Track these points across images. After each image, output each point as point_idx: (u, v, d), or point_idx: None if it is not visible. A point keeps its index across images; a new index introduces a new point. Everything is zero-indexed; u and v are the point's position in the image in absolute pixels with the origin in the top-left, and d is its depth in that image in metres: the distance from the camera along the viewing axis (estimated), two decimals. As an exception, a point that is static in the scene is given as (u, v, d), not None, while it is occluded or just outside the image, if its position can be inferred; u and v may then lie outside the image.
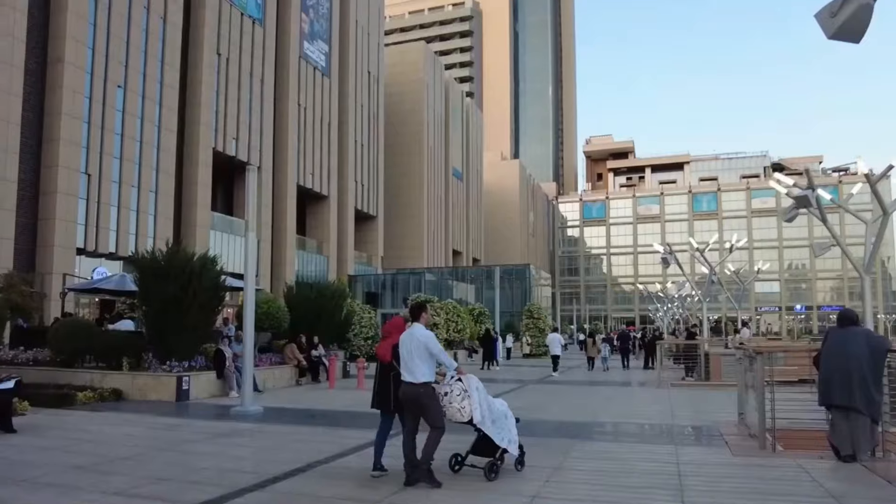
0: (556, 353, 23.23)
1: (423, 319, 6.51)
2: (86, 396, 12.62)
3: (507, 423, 6.74)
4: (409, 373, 6.25)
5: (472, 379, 6.56)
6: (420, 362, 6.20)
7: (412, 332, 6.35)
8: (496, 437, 6.50)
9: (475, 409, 6.35)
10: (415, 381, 6.21)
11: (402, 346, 6.32)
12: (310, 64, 47.47)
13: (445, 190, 71.71)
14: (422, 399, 6.25)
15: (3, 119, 25.90)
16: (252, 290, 11.84)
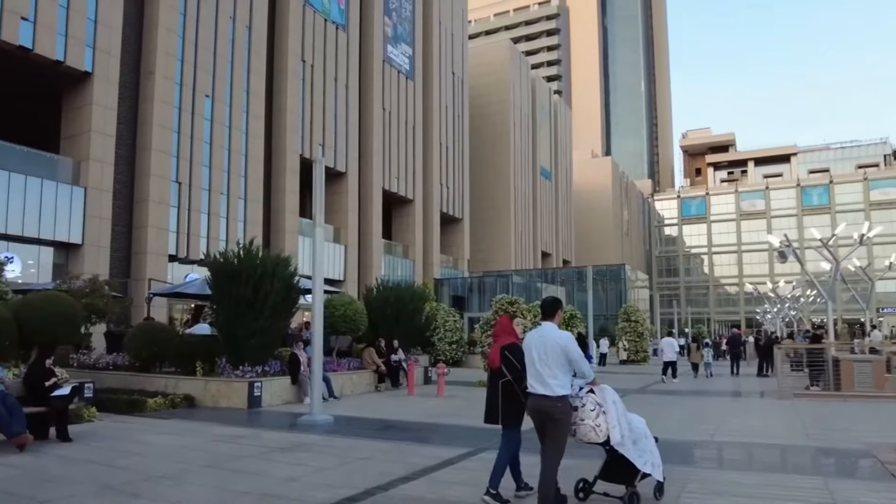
0: (671, 358, 21.25)
1: (556, 318, 5.36)
2: (156, 403, 12.15)
3: (648, 444, 5.55)
4: (539, 383, 5.11)
5: (608, 391, 5.36)
6: (556, 370, 5.06)
7: (544, 334, 5.21)
8: (637, 461, 5.33)
9: (613, 427, 5.22)
10: (549, 394, 5.06)
11: (531, 351, 5.20)
12: (393, 67, 47.21)
13: (533, 190, 69.88)
14: (556, 415, 5.09)
15: (99, 131, 26.77)
16: (320, 291, 10.94)
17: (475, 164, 61.83)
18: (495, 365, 5.63)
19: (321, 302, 10.86)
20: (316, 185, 11.19)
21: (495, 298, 18.66)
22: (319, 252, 10.95)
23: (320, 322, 10.80)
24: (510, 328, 5.90)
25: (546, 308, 5.49)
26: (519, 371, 5.51)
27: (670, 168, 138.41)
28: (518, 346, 5.66)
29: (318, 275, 10.85)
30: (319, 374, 10.71)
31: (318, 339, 10.73)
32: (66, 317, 12.01)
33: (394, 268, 45.35)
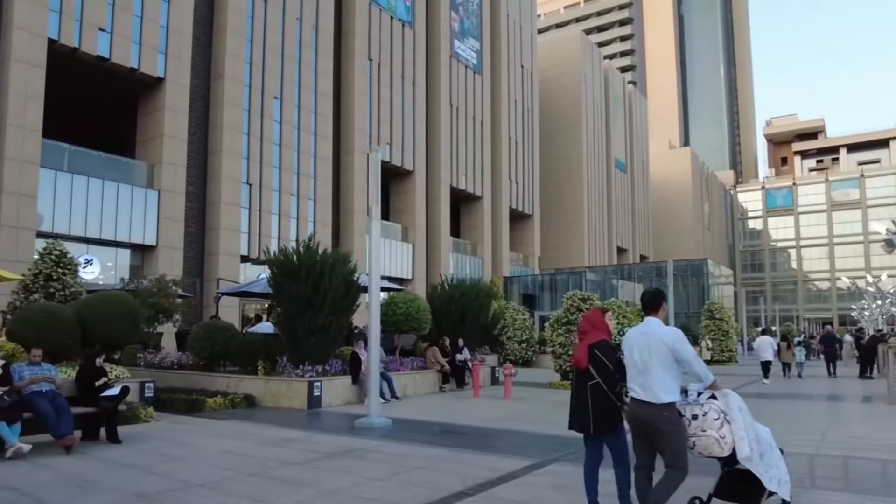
0: (767, 358, 19.68)
1: (661, 313, 4.66)
2: (215, 403, 11.93)
3: (774, 457, 4.70)
4: (642, 387, 4.46)
5: (733, 396, 4.56)
6: (662, 372, 4.41)
7: (647, 331, 4.57)
8: (764, 477, 4.50)
9: (741, 438, 4.41)
10: (653, 401, 4.38)
11: (631, 350, 4.57)
12: (461, 63, 46.60)
13: (608, 184, 67.72)
14: (661, 425, 4.37)
15: (171, 135, 27.39)
16: (377, 287, 10.37)
17: (546, 159, 60.45)
18: (582, 365, 4.89)
19: (377, 299, 10.29)
20: (371, 178, 10.62)
21: (566, 295, 17.67)
22: (375, 247, 10.38)
23: (376, 320, 10.22)
24: (601, 323, 5.09)
25: (648, 301, 4.74)
26: (611, 372, 4.76)
27: (753, 158, 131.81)
28: (609, 344, 4.93)
29: (375, 271, 10.28)
30: (376, 375, 10.13)
31: (374, 337, 10.15)
32: (126, 316, 11.94)
33: (462, 266, 44.73)
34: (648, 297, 4.76)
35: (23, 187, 22.73)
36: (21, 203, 22.65)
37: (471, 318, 16.84)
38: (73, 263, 17.86)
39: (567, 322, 17.03)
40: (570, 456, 7.64)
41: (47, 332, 11.02)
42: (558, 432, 9.27)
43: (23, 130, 22.91)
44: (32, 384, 8.04)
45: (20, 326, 11.12)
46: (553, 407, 12.64)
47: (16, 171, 22.62)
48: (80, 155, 25.53)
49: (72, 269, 17.81)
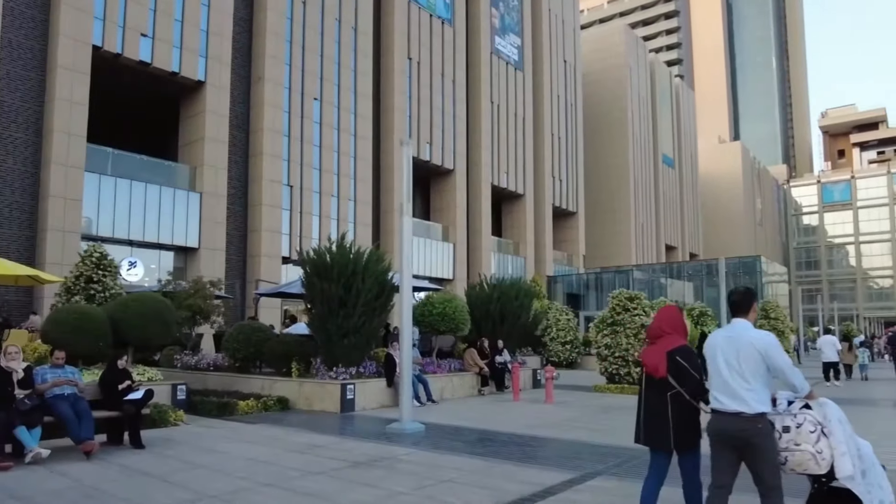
0: (831, 359, 18.52)
1: (751, 314, 4.12)
2: (247, 406, 11.66)
3: (877, 475, 4.02)
4: (730, 397, 3.93)
5: (831, 406, 3.97)
6: (753, 380, 3.89)
7: (734, 335, 4.02)
8: (866, 499, 3.87)
9: (842, 454, 3.81)
10: (746, 411, 3.83)
11: (715, 356, 4.03)
12: (502, 59, 45.92)
13: (655, 180, 65.95)
14: (756, 438, 3.83)
15: (212, 138, 27.58)
16: (409, 287, 9.90)
17: (590, 155, 59.24)
18: (660, 374, 4.29)
19: (409, 299, 9.82)
20: (403, 173, 10.16)
21: (612, 294, 16.91)
22: (407, 244, 9.91)
23: (408, 320, 9.75)
24: (680, 324, 4.48)
25: (738, 301, 4.16)
26: (697, 383, 4.22)
27: (808, 151, 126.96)
28: (691, 350, 4.38)
29: (406, 269, 9.81)
30: (408, 378, 9.66)
31: (405, 338, 9.69)
32: (157, 317, 11.79)
33: (504, 265, 44.04)
34: (738, 296, 4.17)
35: (68, 191, 23.12)
36: (67, 207, 23.04)
37: (511, 318, 16.24)
38: (113, 265, 17.96)
39: (613, 322, 16.29)
40: (615, 469, 7.01)
41: (78, 335, 10.94)
42: (602, 441, 8.65)
43: (68, 136, 23.32)
44: (55, 387, 7.84)
45: (53, 328, 11.07)
46: (597, 412, 11.96)
47: (61, 176, 23.03)
48: (123, 159, 25.89)
49: (112, 272, 17.92)
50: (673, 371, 4.23)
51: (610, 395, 15.41)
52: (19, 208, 22.86)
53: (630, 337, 15.90)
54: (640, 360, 4.71)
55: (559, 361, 25.71)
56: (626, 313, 16.20)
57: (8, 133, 22.83)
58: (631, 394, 15.30)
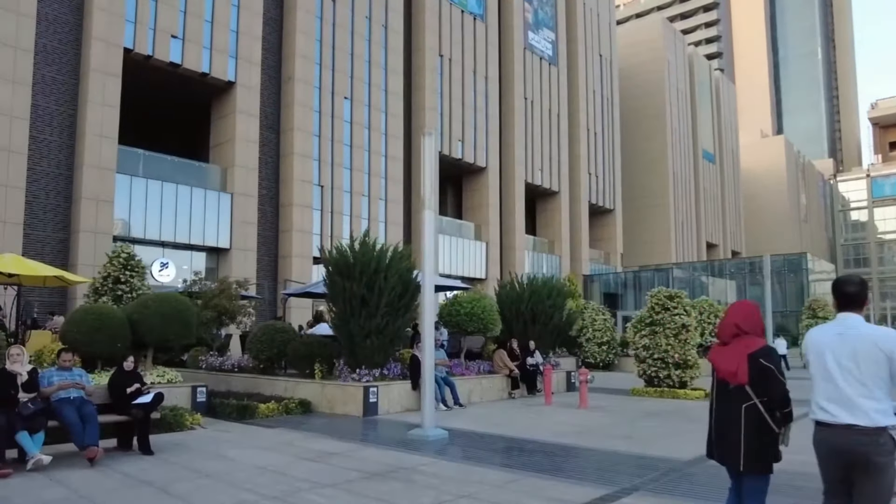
0: None
1: (864, 308, 3.46)
2: (268, 409, 11.29)
3: None
4: (843, 407, 3.30)
5: None
6: (874, 387, 3.25)
7: (850, 331, 3.36)
8: None
9: None
10: (866, 424, 3.23)
11: (823, 356, 3.40)
12: (535, 54, 45.11)
13: (695, 176, 64.18)
14: (878, 456, 3.20)
15: (243, 138, 27.53)
16: (431, 285, 9.38)
17: (628, 151, 57.95)
18: (740, 380, 3.67)
19: (431, 297, 9.28)
20: (426, 165, 9.64)
21: (650, 292, 16.11)
22: (430, 239, 9.38)
23: (431, 320, 9.23)
24: (760, 322, 3.86)
25: (854, 293, 3.46)
26: (785, 391, 3.63)
27: (856, 144, 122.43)
28: (775, 352, 3.76)
29: (429, 267, 9.28)
30: (430, 382, 9.13)
31: (427, 339, 9.16)
32: (176, 317, 11.47)
33: (539, 264, 43.22)
34: (854, 286, 3.45)
35: (100, 193, 23.25)
36: (99, 208, 23.17)
37: (543, 318, 15.58)
38: (140, 266, 17.89)
39: (651, 322, 15.50)
40: (653, 484, 6.35)
41: (95, 336, 10.71)
42: (639, 451, 7.98)
43: (100, 138, 23.45)
44: (60, 390, 7.53)
45: (71, 329, 10.87)
46: (634, 418, 11.25)
47: (93, 178, 23.17)
48: (154, 160, 25.99)
49: (139, 272, 17.82)
50: (756, 376, 3.61)
51: (648, 399, 14.64)
52: (53, 210, 23.08)
53: (670, 337, 15.09)
54: (710, 362, 4.06)
55: (595, 363, 24.89)
56: (665, 312, 15.40)
57: (43, 136, 23.06)
58: (670, 398, 14.53)
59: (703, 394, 14.66)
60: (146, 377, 11.31)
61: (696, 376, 15.15)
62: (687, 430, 9.80)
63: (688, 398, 14.42)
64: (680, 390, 14.71)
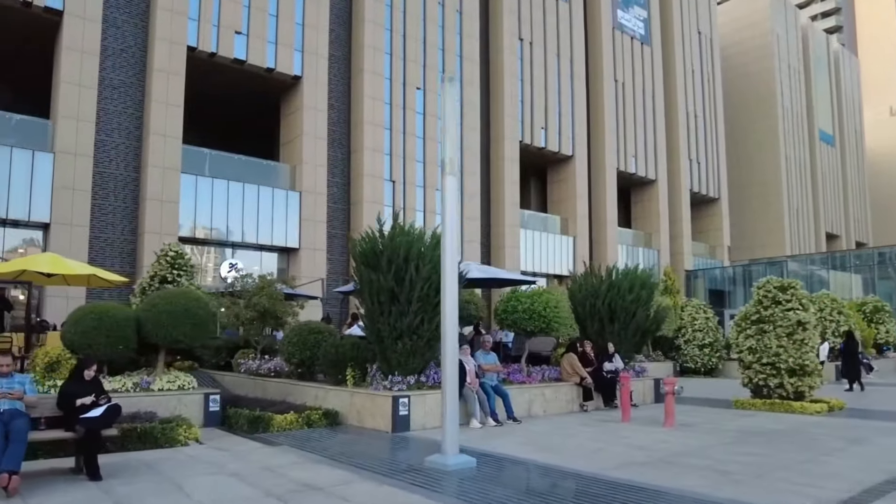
0: None
1: None
2: (286, 421, 9.72)
3: None
4: None
5: None
6: None
7: None
8: None
9: None
10: None
11: None
12: (626, 34, 41.87)
13: (811, 160, 58.06)
14: None
15: (311, 134, 26.61)
16: (453, 268, 7.40)
17: (733, 135, 53.19)
18: None
19: (454, 286, 7.29)
20: (446, 119, 7.67)
21: (758, 283, 13.33)
22: (452, 209, 7.39)
23: (453, 313, 7.24)
24: None
25: None
26: None
27: None
28: None
29: (450, 245, 7.28)
30: (452, 392, 7.14)
31: (450, 338, 7.18)
32: (188, 315, 10.11)
33: (634, 259, 39.87)
34: None
35: (164, 193, 22.90)
36: (163, 209, 22.81)
37: (623, 316, 13.16)
38: (189, 265, 17.05)
39: (758, 320, 12.74)
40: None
41: (95, 336, 9.54)
42: (732, 495, 5.64)
43: (164, 138, 23.13)
44: (-12, 402, 6.19)
45: (70, 330, 9.76)
46: (732, 441, 8.74)
47: (158, 178, 22.85)
48: (221, 159, 25.47)
49: (188, 271, 17.00)
50: None
51: (754, 413, 11.90)
52: (121, 213, 22.95)
53: (782, 338, 12.27)
54: None
55: (695, 368, 21.92)
56: (776, 307, 12.59)
57: (111, 139, 23.00)
58: (782, 411, 11.74)
59: (826, 407, 11.77)
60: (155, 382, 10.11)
61: (817, 385, 12.22)
62: (804, 462, 7.26)
63: (805, 413, 11.58)
64: (795, 403, 11.87)
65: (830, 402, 12.10)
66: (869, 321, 26.03)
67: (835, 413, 11.87)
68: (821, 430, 9.62)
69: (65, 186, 21.30)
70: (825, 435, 9.23)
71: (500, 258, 32.37)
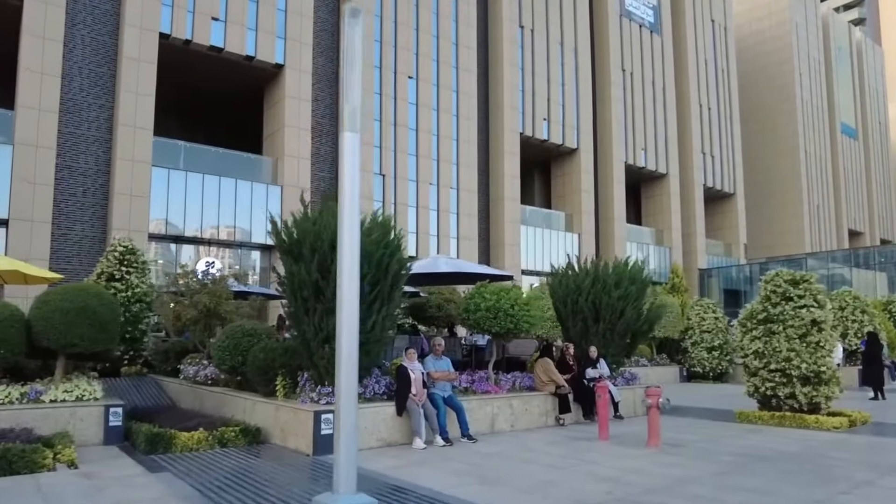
0: None
1: None
2: (191, 440, 8.16)
3: None
4: None
5: None
6: None
7: None
8: None
9: None
10: None
11: None
12: (634, 21, 39.99)
13: (832, 154, 55.58)
14: None
15: (294, 126, 25.21)
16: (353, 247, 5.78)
17: (749, 127, 51.00)
18: None
19: (354, 271, 5.68)
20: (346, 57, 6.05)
21: (765, 277, 11.58)
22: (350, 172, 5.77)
23: (352, 306, 5.63)
24: None
25: None
26: None
27: None
28: None
29: (349, 216, 5.66)
30: (349, 410, 5.51)
31: (345, 338, 5.57)
32: (85, 315, 8.65)
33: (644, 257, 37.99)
34: None
35: (134, 188, 21.58)
36: (133, 204, 21.48)
37: (609, 314, 11.44)
38: (140, 261, 15.63)
39: (766, 319, 10.96)
40: None
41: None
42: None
43: (134, 129, 21.81)
44: None
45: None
46: (727, 469, 7.01)
47: (127, 172, 21.53)
48: (197, 152, 24.11)
49: (139, 268, 15.59)
50: None
51: (760, 428, 10.12)
52: (90, 208, 21.65)
53: (793, 340, 10.48)
54: None
55: (704, 372, 20.09)
56: (786, 304, 10.81)
57: (79, 131, 21.73)
58: (794, 426, 9.98)
59: (847, 422, 9.97)
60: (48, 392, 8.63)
61: (835, 396, 10.39)
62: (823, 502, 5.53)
63: (821, 428, 9.79)
64: (809, 416, 10.07)
65: (852, 416, 10.29)
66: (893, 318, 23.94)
67: (857, 429, 10.04)
68: (841, 454, 7.83)
69: (25, 179, 20.03)
70: (846, 461, 7.45)
71: (499, 256, 30.69)
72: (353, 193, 5.73)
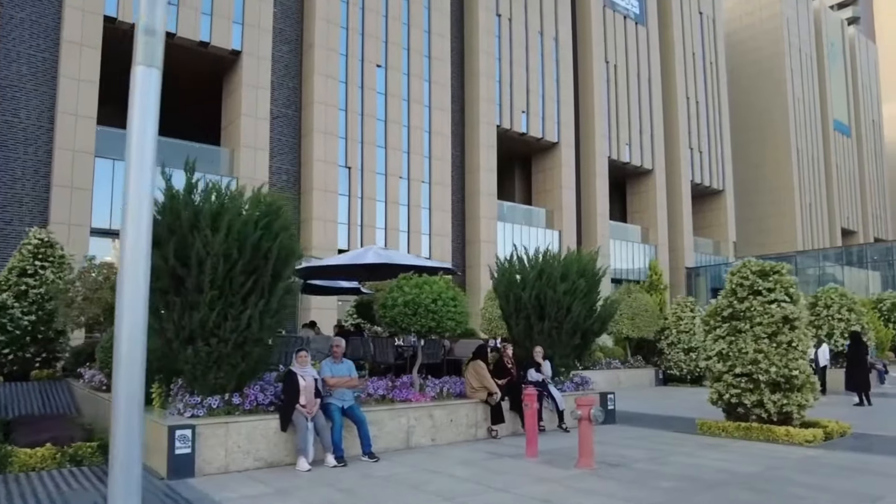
0: None
1: None
2: (34, 458, 6.84)
3: None
4: None
5: None
6: None
7: None
8: None
9: None
10: None
11: None
12: (618, 13, 38.71)
13: (824, 151, 54.34)
14: None
15: (251, 115, 23.85)
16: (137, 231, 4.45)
17: (740, 123, 49.75)
18: None
19: (144, 236, 4.34)
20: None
21: (731, 269, 10.27)
22: (145, 111, 4.43)
23: (137, 290, 4.27)
24: None
25: None
26: None
27: None
28: None
29: (135, 171, 4.32)
30: (129, 429, 4.16)
31: (126, 336, 4.22)
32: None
33: (628, 255, 36.72)
34: None
35: (76, 179, 20.20)
36: (74, 197, 20.10)
37: (555, 311, 10.10)
38: (57, 255, 14.33)
39: (731, 316, 9.63)
40: None
41: None
42: None
43: (75, 118, 20.43)
44: None
45: None
46: (671, 499, 5.63)
47: (68, 162, 20.15)
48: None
49: (55, 262, 14.27)
50: None
51: (722, 442, 8.75)
52: (29, 201, 20.25)
53: (762, 339, 9.14)
54: None
55: (681, 375, 18.78)
56: (754, 298, 9.48)
57: (16, 119, 20.34)
58: (762, 440, 8.64)
59: (822, 434, 8.60)
60: None
61: (809, 404, 9.03)
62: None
63: (791, 443, 8.43)
64: (779, 428, 8.70)
65: (828, 427, 8.94)
66: (886, 320, 22.68)
67: (834, 442, 8.67)
68: (808, 479, 6.44)
69: (-48, 171, 18.67)
70: (813, 488, 6.06)
71: (474, 253, 29.35)
72: (142, 148, 4.36)
